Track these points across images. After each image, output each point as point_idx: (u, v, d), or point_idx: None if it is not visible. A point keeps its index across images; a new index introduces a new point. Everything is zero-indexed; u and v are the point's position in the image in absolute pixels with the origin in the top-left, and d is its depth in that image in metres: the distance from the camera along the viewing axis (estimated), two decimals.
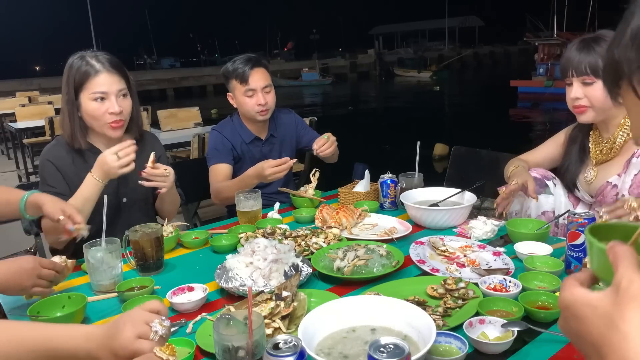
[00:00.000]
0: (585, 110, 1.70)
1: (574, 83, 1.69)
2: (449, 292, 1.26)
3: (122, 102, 1.79)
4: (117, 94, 1.78)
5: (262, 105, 2.29)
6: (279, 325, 1.11)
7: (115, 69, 1.78)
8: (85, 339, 0.88)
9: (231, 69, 2.31)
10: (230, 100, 2.40)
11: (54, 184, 1.81)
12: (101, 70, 1.76)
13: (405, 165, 2.12)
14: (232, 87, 2.34)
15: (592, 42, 1.64)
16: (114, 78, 1.77)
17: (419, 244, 1.60)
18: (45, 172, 1.84)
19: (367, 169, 2.28)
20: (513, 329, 1.06)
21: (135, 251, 1.55)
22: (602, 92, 1.63)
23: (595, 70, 1.63)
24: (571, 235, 1.38)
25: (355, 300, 1.12)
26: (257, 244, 1.40)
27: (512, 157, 2.04)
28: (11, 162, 7.90)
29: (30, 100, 9.49)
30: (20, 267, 1.29)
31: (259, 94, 2.28)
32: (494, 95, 21.32)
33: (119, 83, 1.79)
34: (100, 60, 1.77)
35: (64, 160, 1.84)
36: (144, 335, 0.85)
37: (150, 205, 2.02)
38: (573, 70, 1.67)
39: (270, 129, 2.45)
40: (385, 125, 15.39)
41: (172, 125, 5.49)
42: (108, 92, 1.76)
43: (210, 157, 2.37)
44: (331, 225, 1.79)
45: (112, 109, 1.76)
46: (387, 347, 0.81)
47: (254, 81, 2.27)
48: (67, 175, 1.83)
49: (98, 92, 1.75)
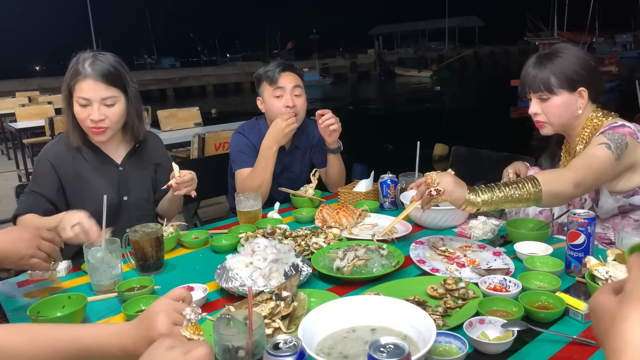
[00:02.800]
0: (544, 125, 1.73)
1: (532, 99, 1.72)
2: (449, 292, 1.26)
3: (105, 110, 1.75)
4: (101, 102, 1.74)
5: (291, 108, 2.21)
6: (279, 325, 1.11)
7: (103, 77, 1.74)
8: (117, 336, 0.89)
9: (262, 72, 2.29)
10: (260, 105, 2.32)
11: (41, 184, 1.80)
12: (88, 76, 1.72)
13: (405, 165, 2.12)
14: (262, 89, 2.28)
15: (545, 58, 1.68)
16: (99, 86, 1.73)
17: (419, 244, 1.60)
18: (38, 169, 1.84)
19: (366, 169, 2.28)
20: (513, 329, 1.06)
21: (135, 251, 1.55)
22: (557, 107, 1.67)
23: (548, 86, 1.66)
24: (571, 235, 1.38)
25: (355, 300, 1.12)
26: (257, 244, 1.40)
27: (512, 157, 2.05)
28: (11, 162, 7.89)
29: (30, 100, 9.48)
30: (19, 235, 1.29)
31: (288, 94, 2.21)
32: (494, 95, 21.30)
33: (105, 91, 1.74)
34: (94, 64, 1.74)
35: (63, 157, 1.83)
36: (178, 323, 0.89)
37: (151, 204, 2.02)
38: (529, 87, 1.71)
39: (295, 139, 2.35)
40: (386, 125, 15.39)
41: (172, 125, 5.49)
42: (91, 99, 1.73)
43: (235, 160, 2.30)
44: (331, 225, 1.79)
45: (92, 117, 1.73)
46: (387, 347, 0.81)
47: (284, 82, 2.22)
48: (63, 174, 1.83)
49: (82, 97, 1.73)
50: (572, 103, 1.67)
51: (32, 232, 1.31)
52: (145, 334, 0.88)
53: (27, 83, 24.80)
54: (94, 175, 1.86)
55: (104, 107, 1.76)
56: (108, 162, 1.90)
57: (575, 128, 1.73)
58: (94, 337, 0.90)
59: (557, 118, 1.69)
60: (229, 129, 4.23)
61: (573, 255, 1.38)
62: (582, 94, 1.66)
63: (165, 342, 0.78)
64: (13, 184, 1.99)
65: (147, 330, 0.88)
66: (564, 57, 1.66)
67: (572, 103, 1.67)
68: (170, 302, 0.93)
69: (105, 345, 0.89)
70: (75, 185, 1.83)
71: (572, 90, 1.66)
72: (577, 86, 1.65)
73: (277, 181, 2.26)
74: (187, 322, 0.89)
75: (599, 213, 1.71)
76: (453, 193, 1.43)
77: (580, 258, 1.36)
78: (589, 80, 1.66)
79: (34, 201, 1.78)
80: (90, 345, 0.89)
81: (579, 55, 1.68)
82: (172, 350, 0.76)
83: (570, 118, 1.70)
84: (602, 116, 1.69)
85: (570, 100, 1.67)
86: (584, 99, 1.67)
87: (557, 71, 1.64)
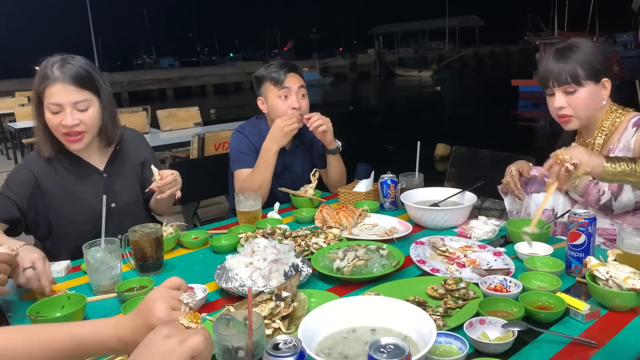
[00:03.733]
0: (570, 120, 1.73)
1: (557, 93, 1.71)
2: (449, 292, 1.25)
3: (79, 115, 1.68)
4: (73, 106, 1.67)
5: (297, 109, 2.19)
6: (279, 325, 1.11)
7: (74, 80, 1.66)
8: (115, 328, 0.90)
9: (265, 72, 2.26)
10: (261, 105, 2.30)
11: (15, 189, 1.73)
12: (57, 80, 1.64)
13: (406, 165, 2.12)
14: (264, 90, 2.25)
15: (567, 51, 1.68)
16: (69, 89, 1.65)
17: (419, 244, 1.60)
18: (16, 175, 1.77)
19: (370, 169, 2.28)
20: (513, 329, 1.06)
21: (134, 251, 1.55)
22: (584, 99, 1.67)
23: (576, 78, 1.66)
24: (572, 235, 1.38)
25: (355, 301, 1.12)
26: (257, 244, 1.40)
27: (513, 157, 2.05)
28: (11, 162, 7.90)
29: (30, 100, 9.46)
30: None
31: (294, 95, 2.20)
32: (494, 95, 21.31)
33: (77, 95, 1.66)
34: (60, 67, 1.65)
35: (46, 170, 1.78)
36: (176, 308, 0.90)
37: (141, 207, 1.99)
38: (554, 81, 1.70)
39: (297, 140, 2.34)
40: (386, 125, 15.39)
41: (171, 125, 5.49)
42: (62, 103, 1.65)
43: (234, 160, 2.29)
44: (331, 225, 1.79)
45: (65, 122, 1.66)
46: (387, 348, 0.81)
47: (290, 83, 2.20)
48: (47, 185, 1.77)
49: (53, 103, 1.65)
50: (596, 94, 1.68)
51: None
52: (144, 322, 0.88)
53: (27, 83, 24.61)
54: (78, 185, 1.81)
55: (77, 111, 1.68)
56: (90, 170, 1.85)
57: (596, 121, 1.74)
58: (91, 331, 0.90)
59: (584, 110, 1.69)
60: (229, 128, 4.22)
61: (573, 255, 1.38)
62: (605, 85, 1.68)
63: (163, 331, 0.78)
64: None
65: (145, 318, 0.88)
66: (585, 49, 1.67)
67: (596, 94, 1.68)
68: (166, 290, 0.94)
69: (103, 338, 0.89)
70: (60, 197, 1.78)
71: (597, 82, 1.67)
72: (601, 77, 1.67)
73: (278, 181, 2.25)
74: (184, 307, 0.89)
75: (614, 207, 1.72)
76: (590, 162, 1.41)
77: (580, 258, 1.36)
78: (609, 72, 1.68)
79: (1, 205, 1.71)
80: (87, 339, 0.89)
81: (597, 47, 1.69)
82: (169, 339, 0.76)
83: (595, 109, 1.71)
84: (620, 108, 1.72)
85: (595, 91, 1.68)
86: (607, 90, 1.69)
87: (583, 62, 1.65)
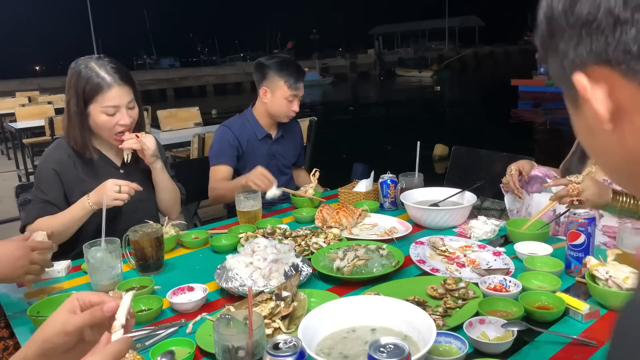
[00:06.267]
0: None
1: None
2: (449, 292, 1.26)
3: (131, 113, 1.81)
4: (127, 105, 1.79)
5: (295, 112, 2.43)
6: (279, 325, 1.11)
7: (124, 81, 1.78)
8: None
9: (282, 69, 2.36)
10: (263, 95, 2.41)
11: (47, 191, 1.79)
12: (113, 84, 1.75)
13: (406, 165, 2.12)
14: (274, 85, 2.37)
15: None
16: (124, 90, 1.77)
17: (419, 244, 1.60)
18: (42, 176, 1.82)
19: (367, 169, 2.28)
20: (513, 329, 1.06)
21: (135, 251, 1.55)
22: None
23: None
24: (571, 235, 1.38)
25: (355, 300, 1.12)
26: (257, 244, 1.40)
27: (513, 157, 2.05)
28: (11, 162, 7.89)
29: (30, 100, 9.48)
30: (12, 257, 1.26)
31: (297, 101, 2.41)
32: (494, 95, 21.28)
33: (129, 95, 1.80)
34: (109, 71, 1.76)
35: (65, 164, 1.83)
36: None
37: (153, 204, 2.00)
38: None
39: (280, 130, 2.52)
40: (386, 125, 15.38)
41: (172, 125, 5.49)
42: (120, 105, 1.77)
43: (212, 156, 2.39)
44: (331, 225, 1.79)
45: (123, 121, 1.78)
46: (387, 347, 0.81)
47: (300, 90, 2.40)
48: (67, 180, 1.82)
49: (111, 105, 1.75)
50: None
51: (22, 248, 1.28)
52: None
53: (27, 83, 24.77)
54: (95, 180, 1.83)
55: (129, 110, 1.80)
56: (109, 166, 1.90)
57: None
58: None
59: None
60: None
61: (573, 255, 1.38)
62: None
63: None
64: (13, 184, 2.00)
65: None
66: None
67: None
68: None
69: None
70: (78, 191, 1.81)
71: None
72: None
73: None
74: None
75: None
76: (597, 203, 1.47)
77: (580, 258, 1.36)
78: None
79: (41, 209, 1.77)
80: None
81: None
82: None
83: None
84: None
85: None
86: None
87: None
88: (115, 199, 1.66)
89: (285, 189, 2.21)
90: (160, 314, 1.29)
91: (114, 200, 1.66)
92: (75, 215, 1.72)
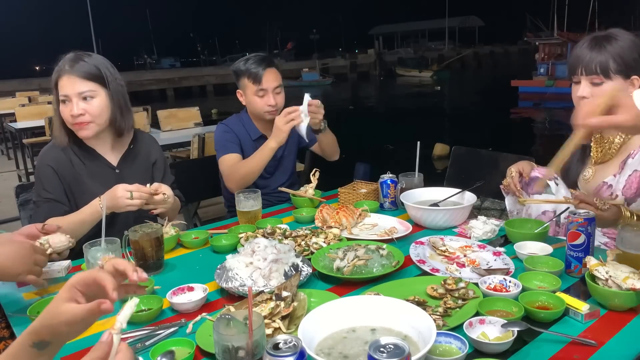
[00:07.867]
0: None
1: (582, 82, 1.65)
2: (449, 292, 1.26)
3: (84, 105, 1.77)
4: (79, 96, 1.76)
5: (272, 106, 2.32)
6: (279, 325, 1.11)
7: (80, 72, 1.76)
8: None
9: (244, 67, 2.32)
10: (240, 98, 2.41)
11: (50, 189, 1.80)
12: (65, 73, 1.76)
13: (405, 165, 2.12)
14: (243, 85, 2.35)
15: (604, 40, 1.60)
16: (75, 80, 1.75)
17: (419, 244, 1.60)
18: (42, 176, 1.82)
19: (369, 168, 2.28)
20: (513, 329, 1.06)
21: (135, 251, 1.55)
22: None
23: (605, 70, 1.59)
24: (571, 235, 1.38)
25: (355, 300, 1.12)
26: (257, 244, 1.40)
27: (513, 157, 2.05)
28: (11, 162, 7.89)
29: (30, 100, 9.48)
30: (17, 250, 1.27)
31: (270, 94, 2.31)
32: (494, 95, 21.29)
33: (82, 85, 1.76)
34: (73, 62, 1.76)
35: (62, 162, 1.83)
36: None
37: None
38: (583, 69, 1.63)
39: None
40: (386, 125, 15.38)
41: (172, 125, 5.49)
42: (69, 94, 1.75)
43: (219, 149, 2.36)
44: (331, 225, 1.79)
45: (72, 112, 1.76)
46: (387, 347, 0.81)
47: (267, 82, 2.29)
48: (65, 178, 1.82)
49: (62, 94, 1.76)
50: (623, 90, 1.59)
51: (28, 247, 1.29)
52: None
53: (27, 83, 24.80)
54: (90, 178, 1.85)
55: (83, 101, 1.77)
56: (104, 164, 1.89)
57: None
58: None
59: None
60: None
61: (573, 255, 1.38)
62: (634, 82, 1.60)
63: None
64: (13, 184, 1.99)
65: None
66: (622, 42, 1.59)
67: (623, 90, 1.59)
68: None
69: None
70: (74, 189, 1.83)
71: (626, 77, 1.60)
72: (632, 74, 1.60)
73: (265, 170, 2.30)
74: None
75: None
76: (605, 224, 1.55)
77: (580, 258, 1.36)
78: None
79: (50, 208, 1.77)
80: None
81: (636, 41, 1.61)
82: None
83: None
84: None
85: (622, 87, 1.59)
86: (635, 88, 1.60)
87: (617, 55, 1.58)
88: (128, 205, 1.66)
89: (285, 189, 2.21)
90: (160, 314, 1.29)
91: (127, 207, 1.66)
92: (86, 218, 1.70)
